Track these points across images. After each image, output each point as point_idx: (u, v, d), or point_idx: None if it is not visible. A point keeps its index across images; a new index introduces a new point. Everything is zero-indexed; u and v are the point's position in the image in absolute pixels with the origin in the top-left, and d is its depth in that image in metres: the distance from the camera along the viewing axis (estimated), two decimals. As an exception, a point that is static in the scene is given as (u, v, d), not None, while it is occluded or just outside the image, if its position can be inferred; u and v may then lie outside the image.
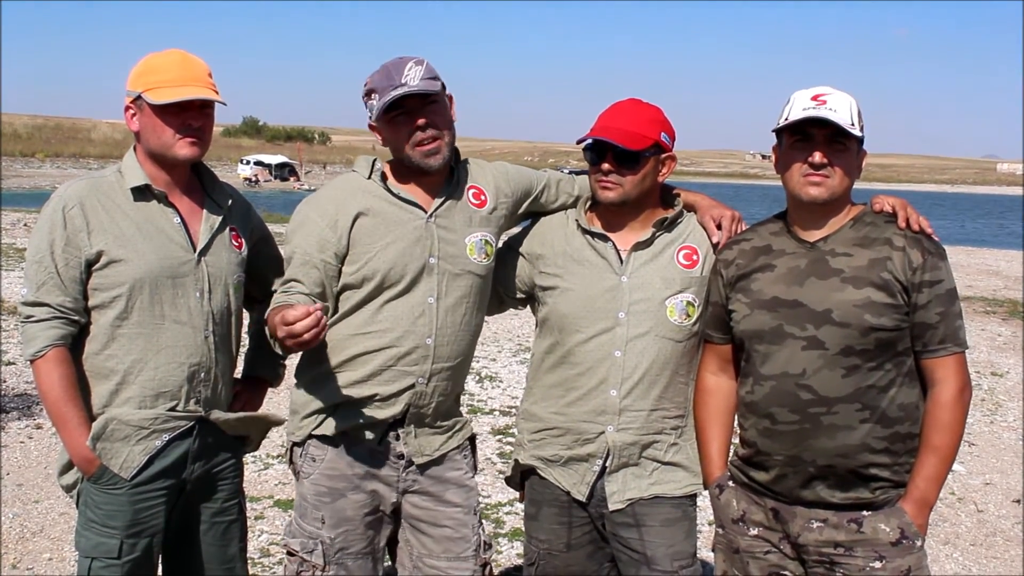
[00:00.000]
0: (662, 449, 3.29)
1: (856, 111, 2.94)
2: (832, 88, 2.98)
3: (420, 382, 3.24)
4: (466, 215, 3.31)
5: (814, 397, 2.92)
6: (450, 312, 3.25)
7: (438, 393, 3.29)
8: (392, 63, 3.16)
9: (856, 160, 2.98)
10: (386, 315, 3.21)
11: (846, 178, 2.95)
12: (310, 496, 3.30)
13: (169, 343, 3.15)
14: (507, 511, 6.14)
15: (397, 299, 3.20)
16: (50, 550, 5.46)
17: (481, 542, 3.40)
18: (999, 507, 6.82)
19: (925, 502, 2.94)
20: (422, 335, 3.22)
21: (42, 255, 3.07)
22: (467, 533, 3.37)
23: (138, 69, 3.17)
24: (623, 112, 3.24)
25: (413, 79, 3.11)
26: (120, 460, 3.13)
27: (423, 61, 3.17)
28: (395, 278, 3.19)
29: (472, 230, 3.30)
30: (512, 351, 11.27)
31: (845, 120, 2.89)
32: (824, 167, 2.92)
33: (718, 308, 3.20)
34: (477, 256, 3.29)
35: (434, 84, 3.15)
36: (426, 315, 3.22)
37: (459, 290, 3.27)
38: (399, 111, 3.15)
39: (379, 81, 3.16)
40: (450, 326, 3.26)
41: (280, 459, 7.06)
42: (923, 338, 2.92)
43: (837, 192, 2.95)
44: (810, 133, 2.93)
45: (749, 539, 3.12)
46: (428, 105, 3.16)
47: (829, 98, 2.93)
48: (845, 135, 2.90)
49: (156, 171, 3.19)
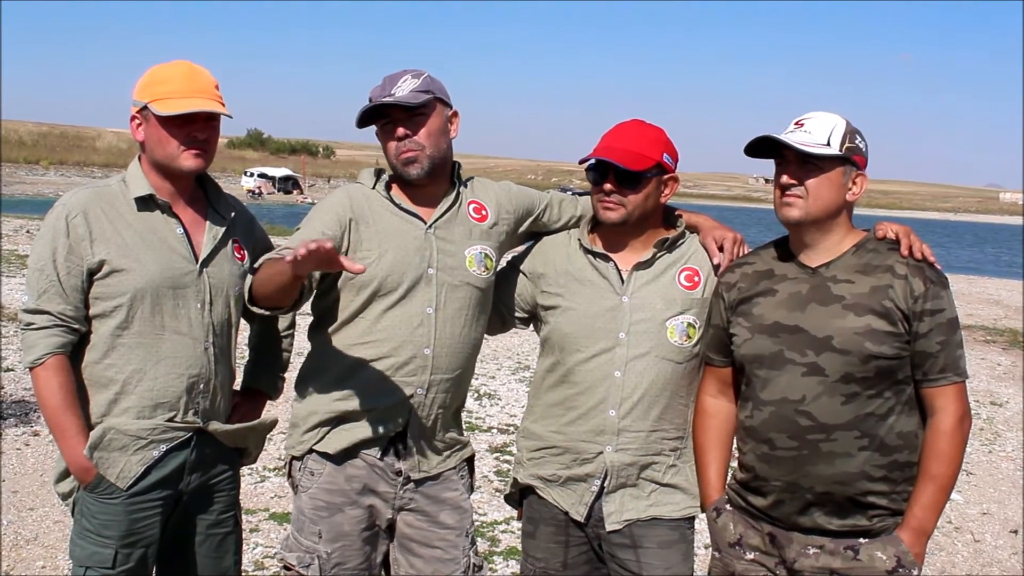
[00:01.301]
0: (661, 471, 3.28)
1: (841, 132, 2.94)
2: (823, 113, 2.99)
3: (419, 393, 3.24)
4: (466, 228, 3.33)
5: (813, 424, 2.91)
6: (449, 323, 3.26)
7: (437, 405, 3.29)
8: (391, 75, 3.24)
9: (841, 180, 2.95)
10: (384, 325, 3.21)
11: (823, 199, 2.94)
12: (307, 510, 3.29)
13: (169, 354, 3.15)
14: (503, 529, 6.12)
15: (394, 308, 3.21)
16: (44, 558, 5.44)
17: (471, 564, 3.38)
18: (996, 537, 6.80)
19: (923, 531, 2.93)
20: (420, 345, 3.22)
21: (44, 263, 3.07)
22: (457, 555, 3.35)
23: (144, 80, 3.18)
24: (626, 132, 3.25)
25: (401, 91, 3.18)
26: (117, 470, 3.12)
27: (421, 74, 3.22)
28: (392, 285, 3.19)
29: (472, 243, 3.32)
30: (511, 369, 11.27)
31: (817, 140, 2.91)
32: (792, 187, 2.95)
33: (719, 331, 3.19)
34: (477, 268, 3.30)
35: (419, 96, 3.18)
36: (424, 325, 3.22)
37: (458, 301, 3.27)
38: (385, 120, 3.22)
39: (375, 91, 3.23)
40: (449, 337, 3.26)
41: (277, 472, 7.05)
42: (923, 367, 2.91)
43: (813, 212, 2.95)
44: (785, 156, 2.96)
45: (745, 563, 3.11)
46: (412, 117, 3.20)
47: (808, 121, 2.96)
48: (818, 156, 2.91)
49: (160, 181, 3.19)
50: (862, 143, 3.00)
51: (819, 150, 2.91)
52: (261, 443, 3.51)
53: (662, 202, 3.31)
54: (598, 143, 3.25)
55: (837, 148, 2.92)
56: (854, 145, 2.96)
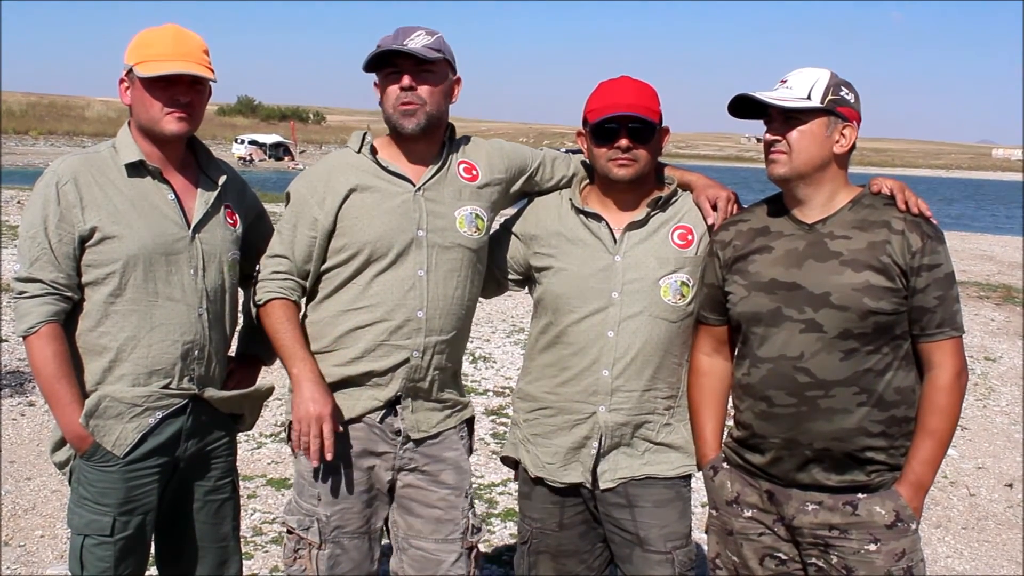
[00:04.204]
0: (655, 429, 3.28)
1: (824, 85, 2.92)
2: (809, 68, 2.98)
3: (415, 355, 3.24)
4: (455, 188, 3.31)
5: (812, 380, 2.91)
6: (441, 285, 3.25)
7: (434, 367, 3.29)
8: (405, 27, 3.24)
9: (824, 133, 2.93)
10: (376, 289, 3.21)
11: (805, 152, 2.93)
12: (306, 473, 3.30)
13: (163, 320, 3.13)
14: (500, 491, 6.14)
15: (386, 272, 3.21)
16: (42, 527, 5.45)
17: (469, 525, 3.39)
18: (991, 491, 6.84)
19: (921, 485, 2.94)
20: (412, 308, 3.22)
21: (35, 231, 3.05)
22: (456, 516, 3.36)
23: (132, 43, 3.16)
24: (629, 88, 3.23)
25: (414, 43, 3.17)
26: (113, 437, 3.12)
27: (435, 33, 3.22)
28: (382, 251, 3.19)
29: (462, 203, 3.30)
30: (506, 332, 11.27)
31: (796, 95, 2.91)
32: (775, 144, 2.96)
33: (714, 289, 3.19)
34: (467, 229, 3.29)
35: (431, 53, 3.17)
36: (416, 288, 3.22)
37: (449, 263, 3.26)
38: (392, 69, 3.20)
39: (386, 39, 3.22)
40: (442, 299, 3.26)
41: (273, 438, 7.06)
42: (921, 322, 2.91)
43: (797, 167, 2.94)
44: (771, 114, 2.97)
45: (743, 521, 3.12)
46: (421, 72, 3.18)
47: (791, 77, 2.97)
48: (798, 110, 2.91)
49: (150, 147, 3.17)
50: (849, 95, 2.97)
51: (797, 104, 2.90)
52: (257, 409, 3.51)
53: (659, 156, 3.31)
54: (598, 102, 3.22)
55: (818, 101, 2.91)
56: (838, 97, 2.94)
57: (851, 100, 2.98)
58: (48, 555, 5.13)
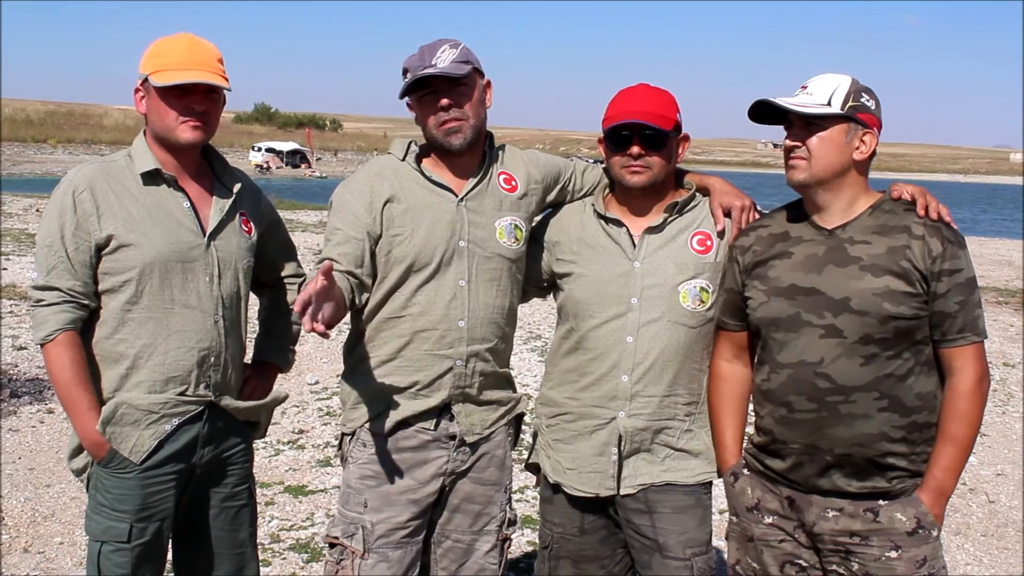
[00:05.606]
0: (675, 435, 3.27)
1: (844, 91, 2.91)
2: (830, 74, 2.97)
3: (459, 364, 3.26)
4: (496, 199, 3.33)
5: (832, 385, 2.89)
6: (481, 294, 3.27)
7: (479, 373, 3.31)
8: (428, 45, 3.22)
9: (844, 139, 2.92)
10: (419, 300, 3.23)
11: (825, 158, 2.92)
12: (354, 480, 3.32)
13: (179, 327, 3.14)
14: (518, 498, 6.13)
15: (428, 283, 3.22)
16: (61, 534, 5.47)
17: (506, 519, 3.46)
18: (1011, 498, 6.79)
19: (942, 492, 2.91)
20: (454, 318, 3.23)
21: (52, 239, 3.07)
22: (494, 510, 3.43)
23: (147, 52, 3.17)
24: (642, 96, 3.23)
25: (442, 62, 3.16)
26: (130, 444, 3.12)
27: (459, 44, 3.21)
28: (425, 261, 3.20)
29: (502, 214, 3.32)
30: (523, 339, 11.26)
31: (817, 101, 2.90)
32: (795, 150, 2.95)
33: (733, 295, 3.17)
34: (507, 240, 3.31)
35: (461, 67, 3.16)
36: (458, 298, 3.24)
37: (489, 273, 3.28)
38: (426, 91, 3.20)
39: (412, 61, 3.21)
40: (483, 308, 3.27)
41: (291, 445, 7.07)
42: (942, 327, 2.88)
43: (816, 173, 2.93)
44: (791, 120, 2.96)
45: (764, 527, 3.10)
46: (455, 88, 3.18)
47: (812, 83, 2.96)
48: (818, 116, 2.90)
49: (165, 155, 3.18)
50: (870, 101, 2.96)
51: (817, 110, 2.89)
52: (270, 417, 3.53)
53: (678, 162, 3.31)
54: (613, 109, 3.22)
55: (839, 107, 2.90)
56: (859, 103, 2.92)
57: (872, 107, 2.96)
58: (67, 562, 5.15)
